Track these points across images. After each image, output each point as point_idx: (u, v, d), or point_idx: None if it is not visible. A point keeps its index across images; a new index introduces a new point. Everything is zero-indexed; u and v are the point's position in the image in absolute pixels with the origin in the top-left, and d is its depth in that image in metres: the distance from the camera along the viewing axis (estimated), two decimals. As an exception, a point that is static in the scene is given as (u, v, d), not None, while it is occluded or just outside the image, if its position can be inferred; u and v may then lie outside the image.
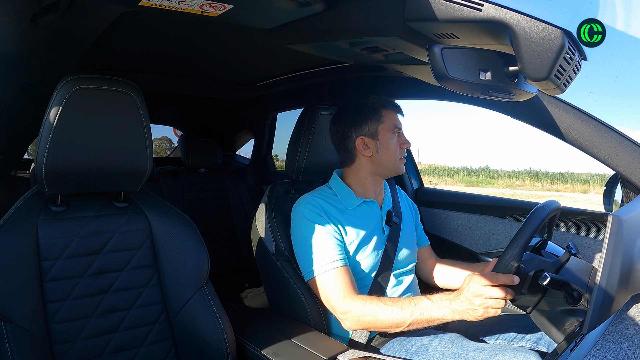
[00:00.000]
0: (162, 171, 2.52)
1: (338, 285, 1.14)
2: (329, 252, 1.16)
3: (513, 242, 0.94)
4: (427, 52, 0.70)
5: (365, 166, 1.30)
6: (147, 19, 1.27)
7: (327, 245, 1.17)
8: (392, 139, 1.28)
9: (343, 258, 1.17)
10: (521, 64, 0.69)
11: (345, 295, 1.13)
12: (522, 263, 0.94)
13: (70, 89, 0.95)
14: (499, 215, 1.56)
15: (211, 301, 1.13)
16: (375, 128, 1.27)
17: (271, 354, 1.08)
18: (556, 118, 1.14)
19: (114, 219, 1.11)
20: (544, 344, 1.11)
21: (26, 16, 0.92)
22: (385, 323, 1.08)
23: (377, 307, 1.09)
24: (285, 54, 1.61)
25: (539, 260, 0.98)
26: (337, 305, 1.13)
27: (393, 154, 1.28)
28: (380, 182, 1.34)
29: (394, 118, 1.29)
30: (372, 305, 1.09)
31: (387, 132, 1.27)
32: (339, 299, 1.13)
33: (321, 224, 1.19)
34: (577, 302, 0.89)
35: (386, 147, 1.27)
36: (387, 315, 1.07)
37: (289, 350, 1.09)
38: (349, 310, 1.11)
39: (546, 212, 0.98)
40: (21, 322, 0.93)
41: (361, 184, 1.31)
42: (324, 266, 1.15)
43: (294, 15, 0.97)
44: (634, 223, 0.83)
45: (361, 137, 1.28)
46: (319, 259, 1.16)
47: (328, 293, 1.15)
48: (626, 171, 1.08)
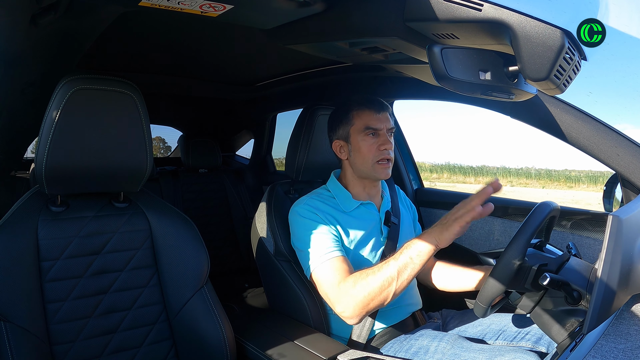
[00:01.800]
0: (161, 171, 2.52)
1: (335, 273, 1.10)
2: (324, 245, 1.15)
3: (516, 237, 0.94)
4: (427, 52, 0.70)
5: (348, 169, 1.30)
6: (147, 19, 1.27)
7: (322, 239, 1.16)
8: (363, 142, 1.23)
9: (339, 249, 1.15)
10: (521, 64, 0.69)
11: (340, 280, 1.09)
12: (526, 257, 0.94)
13: (70, 89, 0.95)
14: (499, 216, 1.56)
15: (211, 301, 1.13)
16: (346, 131, 1.26)
17: (271, 354, 1.08)
18: (556, 118, 1.14)
19: (114, 219, 1.11)
20: (544, 344, 1.11)
21: (26, 16, 0.92)
22: (378, 284, 1.03)
23: (365, 274, 1.06)
24: (285, 54, 1.61)
25: (542, 256, 0.98)
26: (333, 294, 1.09)
27: (365, 157, 1.23)
28: (372, 183, 1.31)
29: (367, 119, 1.23)
30: (360, 275, 1.07)
31: (357, 134, 1.24)
32: (334, 285, 1.09)
33: (317, 221, 1.19)
34: (577, 302, 0.88)
35: (358, 150, 1.24)
36: (375, 275, 1.04)
37: (289, 350, 1.09)
38: (344, 293, 1.07)
39: (548, 209, 0.97)
40: (21, 323, 0.93)
41: (353, 186, 1.30)
42: (320, 257, 1.13)
43: (293, 15, 0.97)
44: (634, 223, 0.83)
45: (336, 140, 1.28)
46: (315, 253, 1.15)
47: (324, 284, 1.12)
48: (626, 171, 1.08)
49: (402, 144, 1.92)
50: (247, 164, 3.00)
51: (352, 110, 1.26)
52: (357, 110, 1.25)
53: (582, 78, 0.78)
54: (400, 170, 1.86)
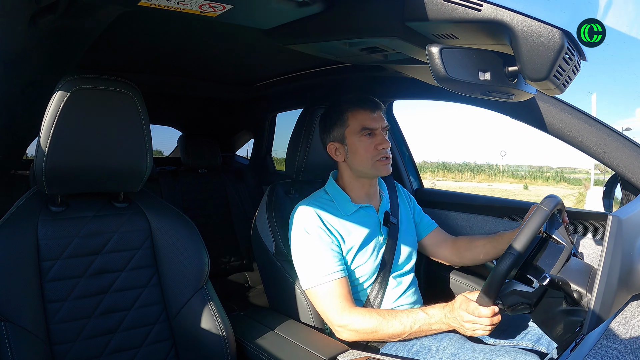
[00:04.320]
0: (161, 171, 2.52)
1: (336, 298, 1.13)
2: (327, 264, 1.16)
3: (491, 277, 0.94)
4: (427, 52, 0.70)
5: (346, 171, 1.29)
6: (147, 19, 1.27)
7: (326, 256, 1.16)
8: (360, 142, 1.22)
9: (342, 269, 1.17)
10: (520, 64, 0.69)
11: (344, 308, 1.12)
12: (500, 299, 0.96)
13: (70, 89, 0.95)
14: (499, 215, 1.56)
15: (211, 301, 1.13)
16: (341, 133, 1.24)
17: (271, 354, 1.08)
18: (555, 118, 1.14)
19: (114, 219, 1.11)
20: (544, 344, 1.11)
21: (25, 16, 0.92)
22: (384, 336, 1.11)
23: (377, 322, 1.10)
24: (285, 54, 1.60)
25: (518, 293, 0.96)
26: (334, 318, 1.13)
27: (364, 157, 1.22)
28: (370, 183, 1.30)
29: (362, 119, 1.22)
30: (371, 319, 1.10)
31: (354, 135, 1.23)
32: (337, 312, 1.13)
33: (321, 236, 1.18)
34: (577, 302, 0.88)
35: (355, 152, 1.23)
36: (387, 329, 1.10)
37: (289, 350, 1.09)
38: (347, 324, 1.12)
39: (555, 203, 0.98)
40: (21, 323, 0.93)
41: (352, 187, 1.29)
42: (323, 277, 1.15)
43: (293, 15, 0.97)
44: (633, 223, 0.83)
45: (331, 143, 1.27)
46: (317, 270, 1.16)
47: (325, 305, 1.15)
48: (626, 171, 1.08)
49: (402, 144, 1.92)
50: (247, 164, 3.00)
51: (346, 112, 1.24)
52: (352, 111, 1.24)
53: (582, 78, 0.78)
54: (400, 171, 1.86)
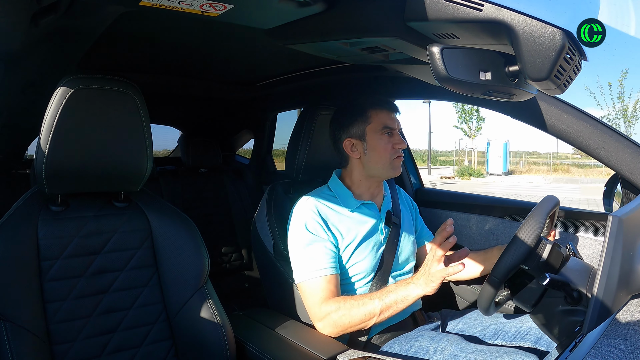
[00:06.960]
0: (162, 171, 2.52)
1: (320, 292, 1.14)
2: (319, 259, 1.16)
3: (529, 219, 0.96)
4: (428, 52, 0.70)
5: (357, 168, 1.29)
6: (148, 19, 1.27)
7: (319, 252, 1.17)
8: (380, 140, 1.24)
9: (334, 267, 1.17)
10: (521, 64, 0.70)
11: (323, 300, 1.14)
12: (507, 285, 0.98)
13: (70, 89, 0.95)
14: (499, 215, 1.56)
15: (211, 301, 1.13)
16: (362, 129, 1.25)
17: (271, 354, 1.08)
18: (556, 118, 1.14)
19: (114, 218, 1.11)
20: (544, 344, 1.11)
21: (26, 16, 0.92)
22: (359, 317, 1.10)
23: (350, 304, 1.11)
24: (285, 54, 1.61)
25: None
26: (315, 311, 1.15)
27: (382, 156, 1.24)
28: (377, 183, 1.32)
29: (384, 118, 1.25)
30: (345, 304, 1.12)
31: (375, 132, 1.24)
32: (317, 304, 1.14)
33: (317, 231, 1.19)
34: (577, 302, 0.89)
35: (374, 149, 1.24)
36: (359, 308, 1.10)
37: (289, 350, 1.09)
38: (325, 314, 1.13)
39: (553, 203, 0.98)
40: (21, 322, 0.93)
41: (357, 185, 1.30)
42: (312, 272, 1.16)
43: (294, 15, 0.97)
44: (634, 223, 0.83)
45: (348, 139, 1.27)
46: (309, 265, 1.17)
47: (310, 299, 1.16)
48: (626, 171, 1.09)
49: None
50: (247, 163, 3.00)
51: (369, 109, 1.26)
52: (374, 109, 1.26)
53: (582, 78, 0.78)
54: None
